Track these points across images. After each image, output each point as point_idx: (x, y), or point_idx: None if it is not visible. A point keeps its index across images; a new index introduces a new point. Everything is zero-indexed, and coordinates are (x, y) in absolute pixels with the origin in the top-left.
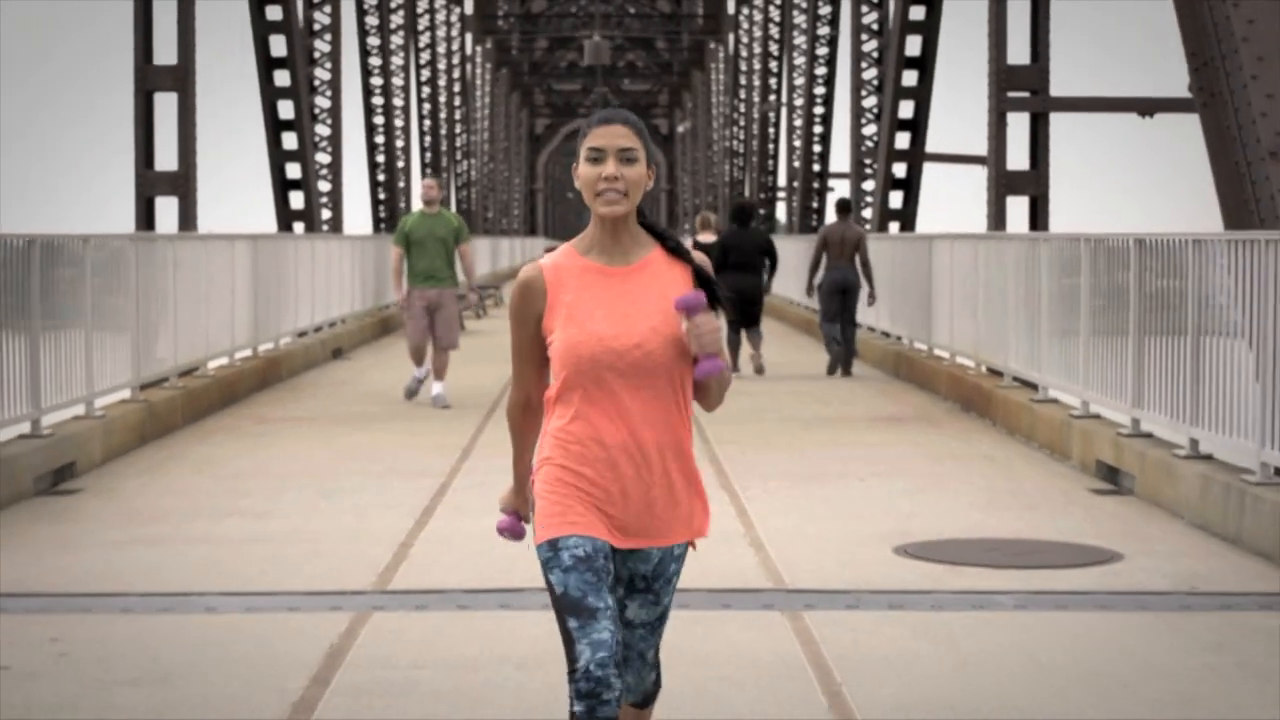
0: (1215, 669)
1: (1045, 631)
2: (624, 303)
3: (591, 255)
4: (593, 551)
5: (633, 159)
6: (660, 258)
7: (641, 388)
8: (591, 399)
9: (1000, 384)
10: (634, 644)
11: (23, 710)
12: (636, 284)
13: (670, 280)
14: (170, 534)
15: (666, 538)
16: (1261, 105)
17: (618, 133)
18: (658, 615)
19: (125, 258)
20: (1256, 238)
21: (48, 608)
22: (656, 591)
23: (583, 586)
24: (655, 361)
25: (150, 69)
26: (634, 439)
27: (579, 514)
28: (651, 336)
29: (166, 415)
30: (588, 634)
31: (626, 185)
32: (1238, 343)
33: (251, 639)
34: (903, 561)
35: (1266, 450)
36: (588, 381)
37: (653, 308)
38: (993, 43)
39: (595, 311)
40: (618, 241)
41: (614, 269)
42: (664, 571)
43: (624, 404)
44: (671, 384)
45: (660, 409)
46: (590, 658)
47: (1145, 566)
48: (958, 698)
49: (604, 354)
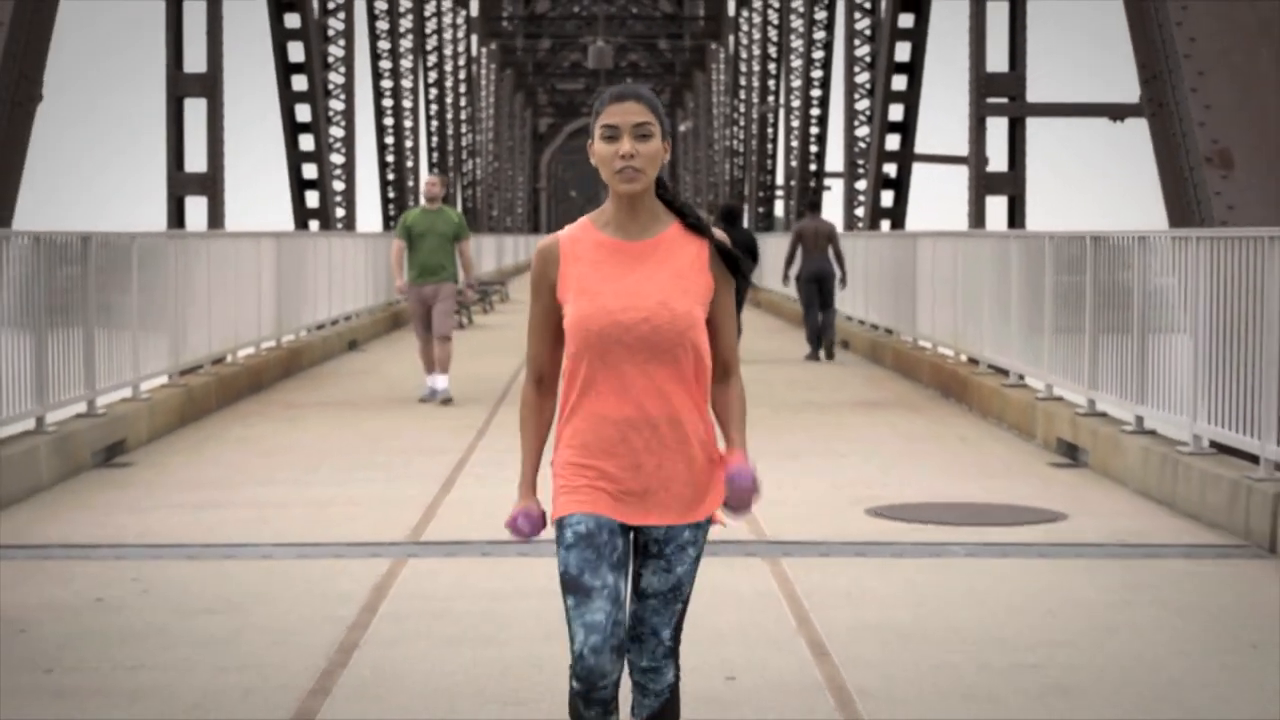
0: (1131, 603)
1: (988, 574)
2: (634, 278)
3: (608, 230)
4: (595, 528)
5: (648, 134)
6: (678, 233)
7: (650, 362)
8: (601, 374)
9: (976, 371)
10: (646, 618)
11: (119, 634)
12: (650, 259)
13: (685, 256)
14: (220, 499)
15: (680, 516)
16: (1200, 115)
17: (631, 109)
18: (670, 585)
19: (165, 253)
20: (1194, 235)
21: (124, 555)
22: (668, 557)
23: (581, 564)
24: (663, 336)
25: (181, 76)
26: (643, 413)
27: (585, 492)
28: (660, 311)
29: (202, 399)
30: (582, 614)
31: (643, 162)
32: (1179, 332)
33: (306, 579)
34: (871, 520)
35: (1198, 424)
36: (597, 356)
37: (664, 283)
38: (973, 51)
39: (605, 286)
40: (634, 217)
41: (628, 244)
42: (676, 537)
43: (633, 379)
44: (682, 358)
45: (671, 383)
46: (584, 641)
47: (1085, 525)
48: (907, 621)
49: (612, 328)
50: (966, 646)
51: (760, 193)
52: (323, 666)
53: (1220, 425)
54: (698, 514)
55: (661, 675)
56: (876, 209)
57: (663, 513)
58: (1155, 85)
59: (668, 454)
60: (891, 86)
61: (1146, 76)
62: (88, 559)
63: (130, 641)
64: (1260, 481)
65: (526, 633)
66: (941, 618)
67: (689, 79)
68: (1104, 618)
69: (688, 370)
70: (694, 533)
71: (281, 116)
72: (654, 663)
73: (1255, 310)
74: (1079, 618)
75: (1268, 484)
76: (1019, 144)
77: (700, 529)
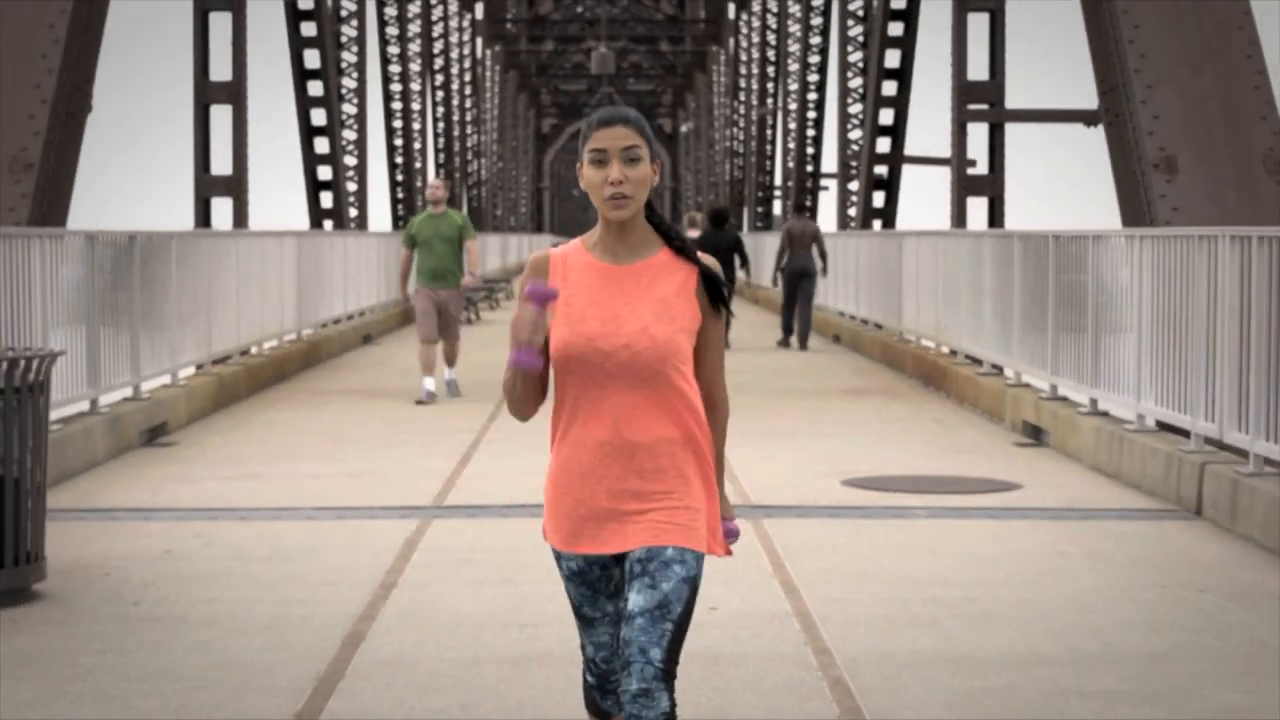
0: (1064, 554)
1: (944, 532)
2: (617, 303)
3: (596, 252)
4: (585, 566)
5: (636, 158)
6: (666, 258)
7: (632, 389)
8: (582, 399)
9: (955, 362)
10: (633, 638)
11: (189, 576)
12: (635, 284)
13: (672, 282)
14: (260, 472)
15: (656, 539)
16: (1149, 125)
17: (619, 134)
18: (656, 602)
19: (199, 251)
20: (1139, 234)
21: (184, 517)
22: (652, 574)
23: (580, 598)
24: (643, 362)
25: (207, 84)
26: (620, 438)
27: (566, 529)
28: (640, 337)
29: (232, 386)
30: (590, 637)
31: (632, 187)
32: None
33: (345, 535)
34: (845, 489)
35: (1142, 404)
36: (578, 380)
37: (647, 309)
38: (955, 60)
39: (588, 311)
40: (623, 241)
41: (615, 268)
42: (658, 554)
43: (613, 405)
44: (665, 385)
45: (652, 410)
46: (594, 654)
47: (1037, 494)
48: (868, 568)
49: (592, 354)
50: (917, 586)
51: (759, 193)
52: (367, 600)
53: (1162, 405)
54: (679, 540)
55: (655, 700)
56: (868, 209)
57: (644, 536)
58: (1111, 96)
59: (647, 480)
60: (882, 92)
61: (1104, 89)
62: (151, 520)
63: (200, 582)
64: (1190, 453)
65: (539, 576)
66: (899, 565)
67: (690, 80)
68: (1038, 565)
69: (671, 397)
70: (678, 551)
71: (298, 120)
72: (644, 684)
73: (1191, 302)
74: (1017, 565)
75: (1197, 455)
76: (998, 148)
77: (688, 551)
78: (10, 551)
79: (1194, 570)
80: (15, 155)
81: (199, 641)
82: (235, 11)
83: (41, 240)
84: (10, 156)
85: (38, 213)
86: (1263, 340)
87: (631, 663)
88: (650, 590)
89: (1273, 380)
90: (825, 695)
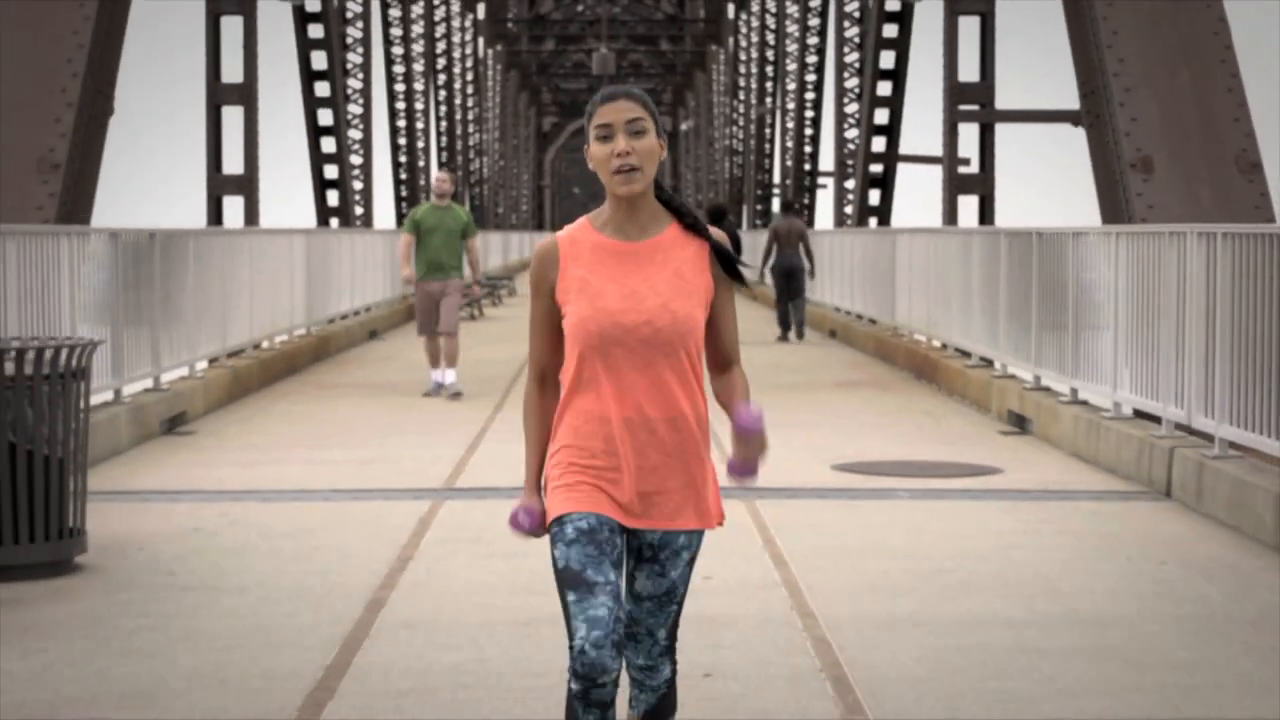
0: (1038, 531)
1: (926, 511)
2: (634, 279)
3: (606, 231)
4: (597, 525)
5: (642, 130)
6: (676, 234)
7: (651, 364)
8: (602, 375)
9: (945, 355)
10: (641, 619)
11: (219, 550)
12: (649, 260)
13: (685, 257)
14: (278, 458)
15: (678, 521)
16: (1127, 126)
17: (623, 107)
18: (664, 590)
19: (213, 248)
20: (1115, 231)
21: (208, 499)
22: (662, 563)
23: (583, 559)
24: (664, 338)
25: (219, 86)
26: (642, 415)
27: (585, 491)
28: (660, 313)
29: (246, 379)
30: (584, 609)
31: (639, 158)
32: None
33: (362, 514)
34: (834, 473)
35: (1119, 392)
36: (598, 357)
37: (664, 284)
38: (946, 62)
39: (606, 287)
40: (633, 218)
41: (627, 245)
42: (671, 542)
43: (633, 380)
44: (682, 361)
45: (670, 385)
46: (586, 636)
47: (1016, 477)
48: (853, 543)
49: (612, 329)
50: (897, 559)
51: (758, 190)
52: (385, 571)
53: (1136, 393)
54: (693, 520)
55: (658, 672)
56: (865, 206)
57: (659, 516)
58: (1092, 99)
59: (666, 456)
60: (877, 92)
61: (1085, 91)
62: (177, 502)
63: (229, 555)
64: (1161, 439)
65: (546, 551)
66: (881, 541)
67: (690, 79)
68: (1012, 540)
69: (687, 372)
70: (689, 538)
71: (305, 120)
72: (650, 661)
73: (1163, 295)
74: (992, 541)
75: (1167, 440)
76: (989, 147)
77: (695, 534)
78: (55, 525)
79: (1158, 545)
80: (43, 156)
81: (232, 607)
82: (246, 15)
83: (69, 237)
84: (38, 157)
85: (64, 211)
86: (1227, 331)
87: (639, 640)
88: (660, 578)
89: (1236, 368)
90: (808, 652)
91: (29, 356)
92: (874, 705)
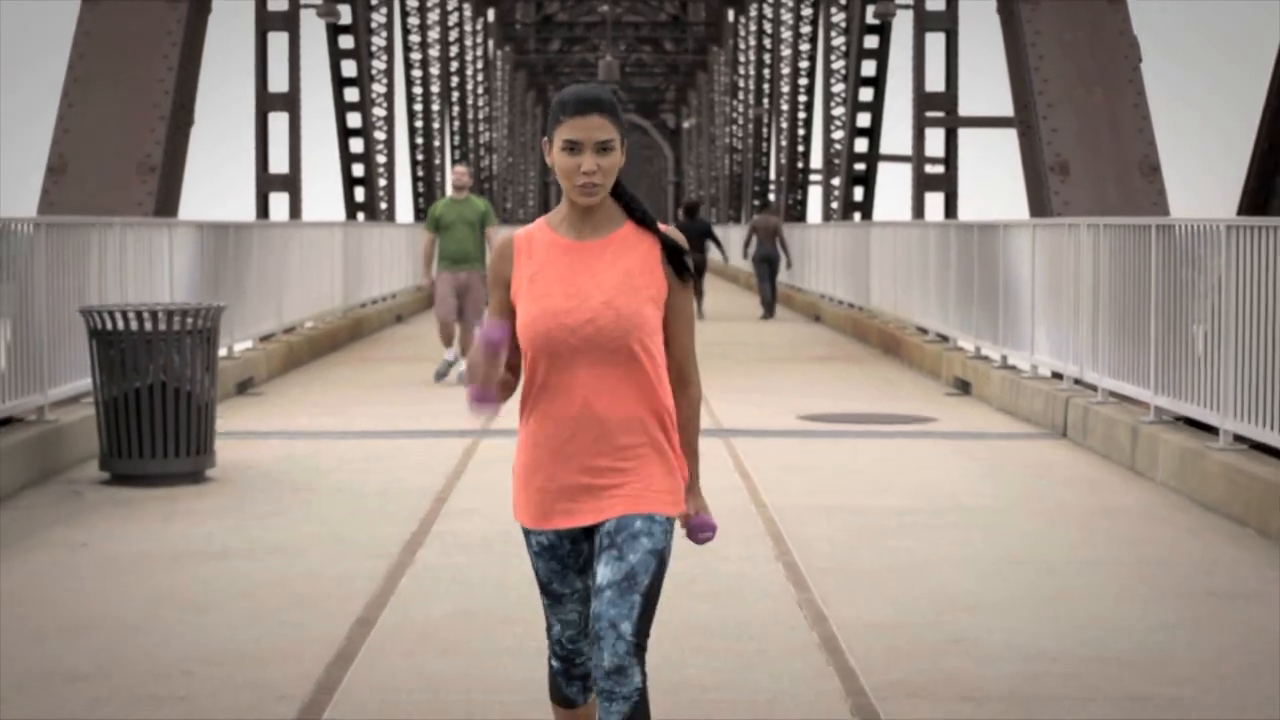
0: (949, 458)
1: (867, 447)
2: (582, 278)
3: (561, 229)
4: (556, 540)
5: (610, 148)
6: (630, 231)
7: (599, 363)
8: (550, 375)
9: (909, 333)
10: (603, 611)
11: (312, 468)
12: (599, 259)
13: (636, 254)
14: (340, 411)
15: (629, 510)
16: (1049, 136)
17: (594, 124)
18: (624, 574)
19: (272, 238)
20: (1033, 224)
21: (293, 437)
22: (620, 546)
23: (549, 574)
24: (608, 336)
25: (266, 94)
26: (589, 412)
27: (536, 504)
28: (604, 311)
29: (299, 352)
30: (557, 614)
31: (604, 176)
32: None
33: (419, 446)
34: (799, 421)
35: (1035, 354)
36: (546, 356)
37: (611, 282)
38: (915, 73)
39: (553, 286)
40: (588, 218)
41: (580, 244)
42: (627, 525)
43: (582, 379)
44: (631, 358)
45: (619, 382)
46: (560, 633)
47: (948, 424)
48: (804, 465)
49: (557, 329)
50: (836, 476)
51: (755, 187)
52: (443, 482)
53: (1049, 356)
54: (649, 505)
55: (628, 677)
56: (849, 202)
57: (614, 508)
58: (1024, 112)
59: (618, 453)
60: (859, 97)
61: (1018, 105)
62: (267, 439)
63: (321, 472)
64: (1061, 391)
65: None
66: (827, 464)
67: (692, 78)
68: (925, 462)
69: (639, 369)
70: (646, 523)
71: (336, 123)
72: (616, 659)
73: (1065, 276)
74: (912, 465)
75: (1065, 392)
76: (952, 149)
77: (654, 521)
78: (195, 444)
79: (1040, 468)
80: (141, 160)
81: (333, 502)
82: (291, 32)
83: (168, 229)
84: (138, 161)
85: (158, 206)
86: (1107, 302)
87: (602, 637)
88: (618, 562)
89: (1114, 332)
90: (759, 526)
91: (175, 316)
92: (802, 557)
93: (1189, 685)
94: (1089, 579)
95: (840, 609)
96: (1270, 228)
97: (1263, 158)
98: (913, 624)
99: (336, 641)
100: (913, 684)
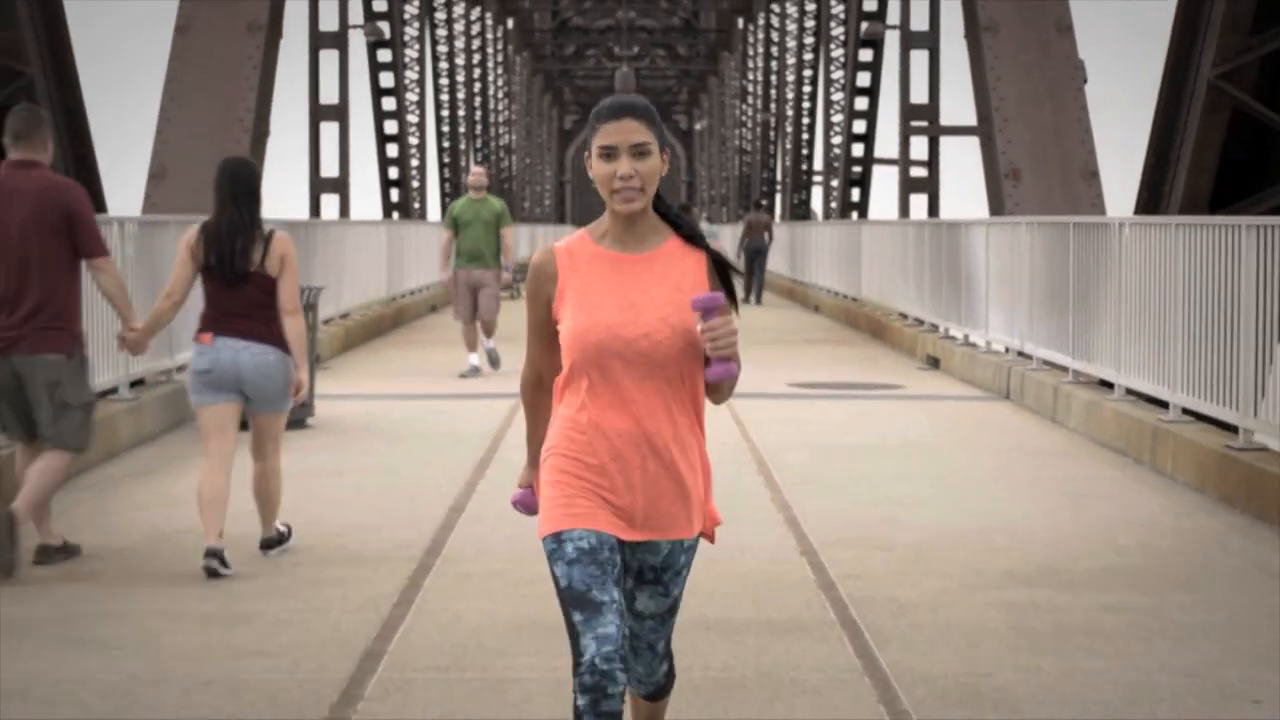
0: (910, 414)
1: (843, 405)
2: (634, 291)
3: (605, 242)
4: (597, 544)
5: (646, 152)
6: (676, 246)
7: (649, 378)
8: (598, 387)
9: (893, 319)
10: (643, 635)
11: (390, 420)
12: (648, 272)
13: (684, 269)
14: (398, 380)
15: (674, 531)
16: (1004, 146)
17: (629, 128)
18: (667, 607)
19: (330, 234)
20: (988, 222)
21: (368, 400)
22: (665, 584)
23: (587, 580)
24: (663, 352)
25: (318, 106)
26: (639, 429)
27: (583, 506)
28: (660, 326)
29: (354, 334)
30: (593, 628)
31: (642, 180)
32: (983, 279)
33: (473, 405)
34: (789, 388)
35: (989, 333)
36: (594, 370)
37: (663, 297)
38: (901, 87)
39: (604, 299)
40: (632, 230)
41: (626, 256)
42: (673, 563)
43: (630, 393)
44: (680, 375)
45: (667, 399)
46: (596, 651)
47: (913, 390)
48: (792, 419)
49: (611, 342)
50: (824, 430)
51: (763, 187)
52: (496, 431)
53: (1001, 334)
54: (687, 530)
55: (655, 674)
56: (846, 202)
57: (656, 528)
58: (984, 125)
59: (663, 470)
60: (855, 106)
61: (980, 118)
62: (347, 401)
63: (399, 422)
64: (1006, 361)
65: None
66: (810, 418)
67: (704, 82)
68: (893, 416)
69: (684, 385)
70: (688, 556)
71: (374, 130)
72: (649, 670)
73: (1014, 265)
74: (882, 416)
75: (1009, 362)
76: (935, 155)
77: (692, 550)
78: None
79: (981, 421)
80: None
81: (414, 444)
82: (340, 50)
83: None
84: None
85: None
86: (1040, 286)
87: (640, 654)
88: (663, 598)
89: (1042, 309)
90: (746, 455)
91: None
92: (783, 480)
93: (1039, 545)
94: (993, 489)
95: (803, 503)
96: (1158, 225)
97: (1150, 170)
98: (852, 510)
99: (439, 518)
100: (845, 540)
